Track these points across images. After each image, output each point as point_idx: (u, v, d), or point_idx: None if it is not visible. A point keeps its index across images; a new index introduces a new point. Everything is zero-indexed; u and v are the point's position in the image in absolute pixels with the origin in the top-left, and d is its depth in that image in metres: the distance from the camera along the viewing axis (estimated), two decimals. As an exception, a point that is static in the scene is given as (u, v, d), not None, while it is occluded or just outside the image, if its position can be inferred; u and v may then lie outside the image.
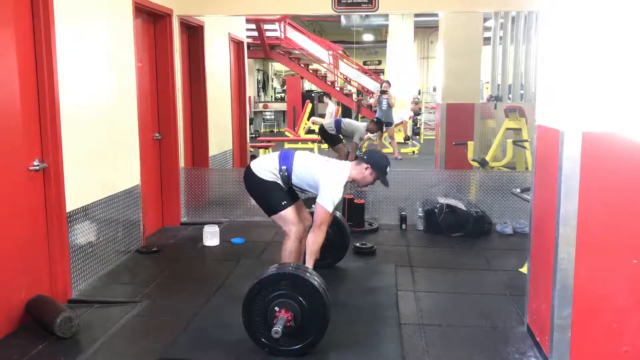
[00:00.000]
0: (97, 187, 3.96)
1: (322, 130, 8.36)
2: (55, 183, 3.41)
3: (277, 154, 3.55)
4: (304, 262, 3.35)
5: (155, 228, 5.25)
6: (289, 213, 3.45)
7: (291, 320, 2.78)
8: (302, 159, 3.49)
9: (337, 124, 8.29)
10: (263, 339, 2.84)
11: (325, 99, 14.74)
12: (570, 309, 2.56)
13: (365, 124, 8.66)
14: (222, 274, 4.08)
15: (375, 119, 9.08)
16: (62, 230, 3.48)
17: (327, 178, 3.34)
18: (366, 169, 3.47)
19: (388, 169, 3.51)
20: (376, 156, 3.59)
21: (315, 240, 3.29)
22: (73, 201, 3.59)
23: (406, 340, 3.01)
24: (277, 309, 2.80)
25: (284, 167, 3.45)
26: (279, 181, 3.47)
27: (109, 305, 3.51)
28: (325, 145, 9.10)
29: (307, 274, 2.89)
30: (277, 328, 2.72)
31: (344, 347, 2.94)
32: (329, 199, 3.28)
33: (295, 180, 3.47)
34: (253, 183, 3.53)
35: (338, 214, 4.21)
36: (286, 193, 3.49)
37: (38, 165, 3.31)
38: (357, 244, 4.65)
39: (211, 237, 4.85)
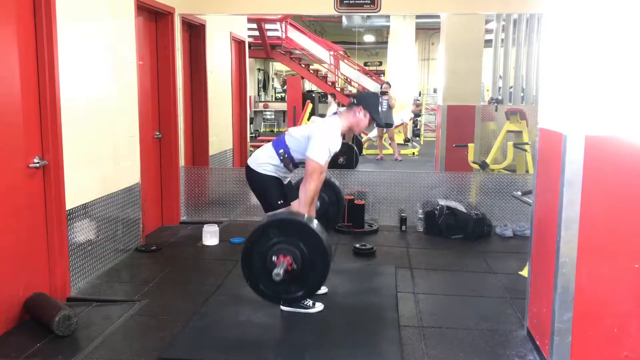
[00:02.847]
0: (97, 185, 3.95)
1: None
2: (55, 180, 3.40)
3: (269, 144, 3.51)
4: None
5: (154, 227, 5.24)
6: None
7: (292, 263, 2.77)
8: (291, 133, 3.45)
9: None
10: (262, 287, 2.92)
11: (329, 99, 14.67)
12: (571, 313, 2.55)
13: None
14: (222, 273, 4.07)
15: None
16: (61, 228, 3.47)
17: (316, 133, 3.27)
18: (358, 112, 3.37)
19: (380, 108, 3.42)
20: (366, 96, 3.47)
21: (304, 189, 3.21)
22: (73, 199, 3.58)
23: (406, 343, 3.00)
24: (274, 258, 2.81)
25: (281, 151, 3.40)
26: (281, 172, 3.44)
27: (107, 304, 3.50)
28: None
29: (296, 216, 2.88)
30: (278, 270, 2.72)
31: (343, 349, 2.92)
32: (316, 149, 3.21)
33: (296, 156, 3.40)
34: (253, 180, 3.52)
35: (336, 182, 4.14)
36: (283, 193, 3.48)
37: (38, 163, 3.30)
38: (357, 245, 4.65)
39: (211, 236, 4.84)
